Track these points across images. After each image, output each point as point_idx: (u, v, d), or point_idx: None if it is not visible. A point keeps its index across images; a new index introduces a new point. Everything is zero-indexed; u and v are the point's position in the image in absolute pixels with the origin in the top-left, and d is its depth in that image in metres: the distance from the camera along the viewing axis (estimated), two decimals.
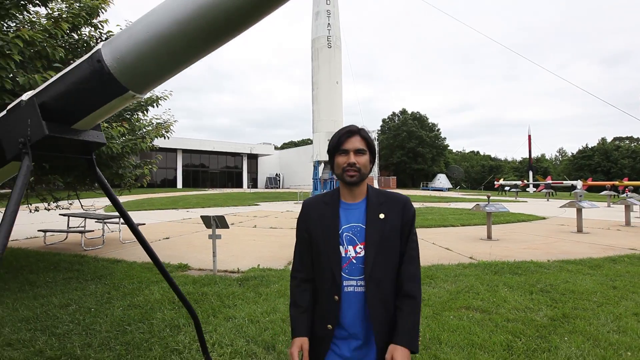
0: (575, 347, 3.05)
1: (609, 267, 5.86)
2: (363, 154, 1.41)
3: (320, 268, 1.41)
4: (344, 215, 1.42)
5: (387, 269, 1.38)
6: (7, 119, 1.88)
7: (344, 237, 1.39)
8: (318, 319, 1.42)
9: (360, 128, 1.45)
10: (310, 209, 1.48)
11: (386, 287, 1.37)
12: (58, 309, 4.06)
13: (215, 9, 1.41)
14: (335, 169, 1.43)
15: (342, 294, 1.36)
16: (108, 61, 1.68)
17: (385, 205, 1.43)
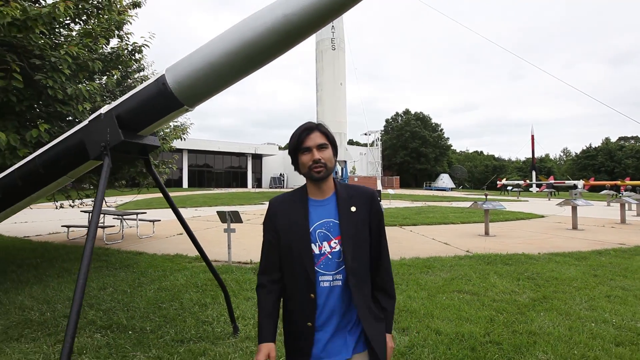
0: (549, 320, 3.55)
1: (594, 259, 6.34)
2: (326, 148, 1.39)
3: (292, 268, 1.40)
4: (314, 212, 1.41)
5: (363, 262, 1.41)
6: (89, 128, 2.43)
7: (317, 234, 1.38)
8: (295, 317, 1.41)
9: (317, 123, 1.44)
10: (277, 208, 1.45)
11: (364, 279, 1.41)
12: (97, 291, 4.62)
13: (255, 45, 1.95)
14: (300, 169, 1.42)
15: (317, 291, 1.36)
16: (170, 83, 2.23)
17: (355, 198, 1.43)
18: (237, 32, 1.98)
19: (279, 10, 1.85)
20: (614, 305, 3.97)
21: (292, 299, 1.42)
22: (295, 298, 1.40)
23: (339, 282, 1.37)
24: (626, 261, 6.17)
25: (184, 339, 3.25)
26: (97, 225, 2.17)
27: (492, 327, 3.41)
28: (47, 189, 2.73)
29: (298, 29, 1.86)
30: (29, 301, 4.19)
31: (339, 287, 1.37)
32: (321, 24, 1.89)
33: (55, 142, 2.59)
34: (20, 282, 4.96)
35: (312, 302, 1.36)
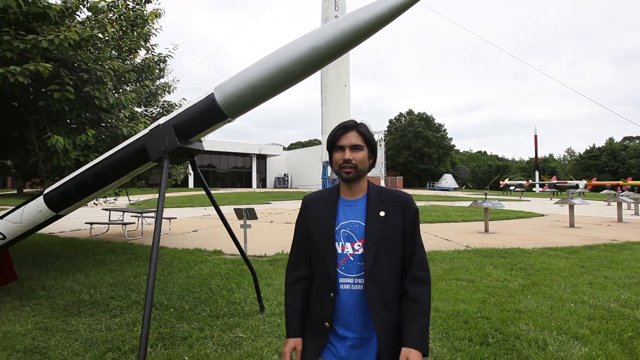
0: (534, 301, 4.06)
1: (584, 253, 6.83)
2: (360, 150, 1.37)
3: (317, 265, 1.40)
4: (342, 211, 1.40)
5: (388, 268, 1.33)
6: (150, 136, 2.97)
7: (341, 233, 1.36)
8: (316, 314, 1.40)
9: (358, 123, 1.42)
10: (310, 204, 1.47)
11: (387, 286, 1.33)
12: (133, 278, 5.18)
13: (288, 70, 2.49)
14: (333, 166, 1.42)
15: (337, 292, 1.34)
16: (218, 99, 2.77)
17: (386, 202, 1.39)
18: (274, 59, 2.52)
19: (309, 42, 2.39)
20: (594, 290, 4.47)
21: (314, 296, 1.42)
22: (317, 295, 1.40)
23: (359, 286, 1.33)
24: (614, 255, 6.65)
25: (219, 315, 3.79)
26: (162, 217, 2.72)
27: (484, 306, 3.92)
28: (110, 186, 3.28)
29: (323, 58, 2.40)
30: (76, 286, 4.75)
31: (360, 291, 1.33)
32: (341, 53, 2.43)
33: (119, 147, 3.14)
34: (62, 271, 5.53)
35: (332, 302, 1.33)
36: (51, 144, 4.13)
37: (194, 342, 3.14)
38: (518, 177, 60.75)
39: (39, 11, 3.74)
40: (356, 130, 1.39)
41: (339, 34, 2.29)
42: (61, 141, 4.15)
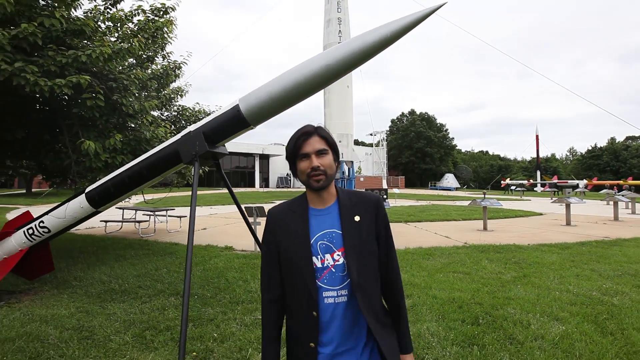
0: (523, 290, 4.47)
1: (575, 248, 7.22)
2: (325, 154, 1.30)
3: (293, 283, 1.31)
4: (315, 222, 1.31)
5: (370, 275, 1.30)
6: (183, 141, 3.39)
7: (319, 246, 1.29)
8: (297, 337, 1.31)
9: (317, 127, 1.35)
10: (277, 219, 1.36)
11: (371, 293, 1.30)
12: (154, 270, 5.61)
13: (304, 84, 2.90)
14: (299, 176, 1.33)
15: (320, 308, 1.26)
16: (243, 110, 3.18)
17: (359, 206, 1.33)
18: (292, 75, 2.94)
19: (322, 61, 2.81)
20: (580, 281, 4.87)
21: (293, 317, 1.33)
22: (297, 316, 1.31)
23: (344, 297, 1.27)
24: (603, 250, 7.04)
25: (238, 301, 4.21)
26: (195, 214, 3.14)
27: (477, 294, 4.33)
28: (145, 184, 3.71)
29: (335, 74, 2.82)
30: (105, 277, 5.19)
31: (344, 303, 1.27)
32: (349, 70, 2.85)
33: (153, 151, 3.56)
34: (88, 264, 5.97)
35: (315, 321, 1.25)
36: (84, 148, 4.56)
37: (219, 323, 3.56)
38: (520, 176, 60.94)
39: (77, 28, 4.17)
40: (317, 135, 1.31)
41: (348, 54, 2.71)
42: (92, 145, 4.58)
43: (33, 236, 4.03)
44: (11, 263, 4.06)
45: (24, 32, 3.64)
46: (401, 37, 2.62)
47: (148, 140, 5.42)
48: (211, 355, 2.97)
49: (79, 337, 3.23)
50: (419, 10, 2.51)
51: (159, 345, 3.12)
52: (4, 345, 3.03)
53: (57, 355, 2.90)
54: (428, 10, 2.45)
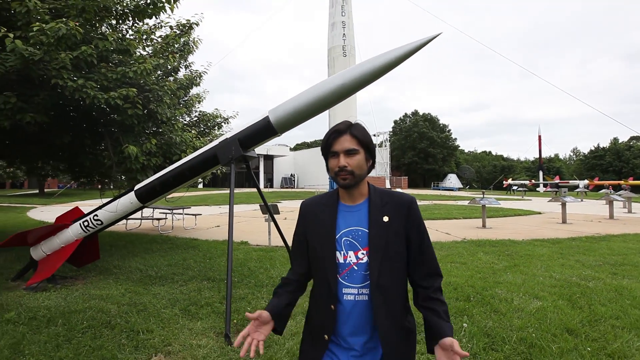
0: (512, 276, 5.08)
1: (566, 243, 7.80)
2: (355, 154, 1.29)
3: (317, 275, 1.34)
4: (342, 218, 1.33)
5: (394, 278, 1.28)
6: (221, 146, 4.03)
7: (343, 242, 1.30)
8: (314, 327, 1.35)
9: (351, 124, 1.34)
10: (307, 210, 1.40)
11: (393, 297, 1.27)
12: (182, 261, 6.26)
13: (323, 100, 3.53)
14: (329, 172, 1.35)
15: (339, 303, 1.28)
16: (272, 120, 3.82)
17: (389, 206, 1.32)
18: (313, 92, 3.57)
19: (338, 80, 3.44)
20: (564, 269, 5.47)
21: (314, 307, 1.37)
22: (317, 307, 1.35)
23: (364, 296, 1.27)
24: (591, 244, 7.62)
25: (262, 285, 4.85)
26: (233, 209, 3.77)
27: (471, 279, 4.94)
28: (186, 183, 4.35)
29: (349, 91, 3.44)
30: (140, 266, 5.84)
31: (365, 302, 1.27)
32: (362, 87, 3.47)
33: (194, 154, 4.20)
34: (122, 256, 6.63)
35: (332, 314, 1.27)
36: (126, 152, 5.22)
37: (250, 300, 4.20)
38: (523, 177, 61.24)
39: (123, 48, 4.83)
40: (349, 134, 1.30)
41: (360, 75, 3.34)
42: (134, 149, 5.24)
43: (88, 228, 4.69)
44: (68, 251, 4.73)
45: (83, 54, 4.30)
46: (403, 61, 3.26)
47: (177, 144, 6.08)
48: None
49: (135, 310, 3.88)
50: (418, 40, 3.14)
51: (203, 316, 3.76)
52: (78, 315, 3.68)
53: (123, 322, 3.54)
54: (425, 40, 3.08)
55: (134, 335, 3.26)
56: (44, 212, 16.70)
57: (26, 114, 4.53)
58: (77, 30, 3.95)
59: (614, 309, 3.75)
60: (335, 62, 29.57)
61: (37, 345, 3.04)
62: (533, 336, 3.11)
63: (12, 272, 5.50)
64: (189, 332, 3.36)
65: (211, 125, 8.29)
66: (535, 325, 3.35)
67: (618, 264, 5.78)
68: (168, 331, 3.36)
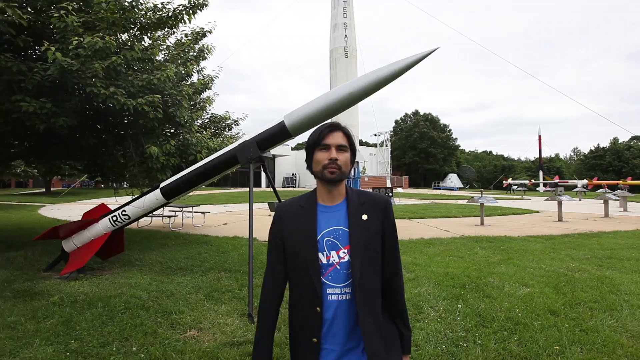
0: (505, 268, 5.50)
1: (559, 239, 8.22)
2: (345, 151, 1.32)
3: (298, 278, 1.32)
4: (322, 219, 1.32)
5: (373, 275, 1.31)
6: (241, 148, 4.45)
7: (325, 242, 1.30)
8: (300, 332, 1.33)
9: (342, 125, 1.37)
10: (284, 214, 1.37)
11: (374, 294, 1.31)
12: (197, 254, 6.69)
13: (332, 106, 3.96)
14: (314, 166, 1.34)
15: (324, 304, 1.27)
16: (287, 125, 4.25)
17: (367, 205, 1.34)
18: (324, 100, 4.00)
19: (346, 90, 3.86)
20: (553, 262, 5.90)
21: (297, 312, 1.35)
22: (300, 311, 1.33)
23: (347, 295, 1.29)
24: (583, 240, 8.04)
25: None
26: (252, 205, 4.20)
27: (467, 270, 5.37)
28: (207, 182, 4.78)
29: (356, 99, 3.87)
30: (160, 258, 6.28)
31: (348, 301, 1.29)
32: (368, 96, 3.89)
33: (214, 155, 4.63)
34: (140, 250, 7.07)
35: (318, 316, 1.27)
36: (148, 153, 5.65)
37: None
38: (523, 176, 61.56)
39: (147, 57, 5.26)
40: (342, 131, 1.35)
41: (366, 85, 3.77)
42: (155, 150, 5.67)
43: (116, 222, 5.13)
44: (98, 243, 5.17)
45: (113, 63, 4.73)
46: (406, 72, 3.68)
47: (194, 145, 6.51)
48: None
49: (164, 295, 4.31)
50: (418, 53, 3.57)
51: (225, 300, 4.20)
52: (114, 299, 4.12)
53: (156, 304, 3.98)
54: (425, 53, 3.50)
55: (168, 315, 3.70)
56: (53, 210, 17.16)
57: (59, 118, 4.97)
58: (111, 44, 4.38)
59: (593, 294, 4.17)
60: (337, 62, 30.01)
61: (85, 323, 3.48)
62: (519, 316, 3.54)
63: (42, 264, 5.95)
64: (215, 313, 3.79)
65: (222, 126, 8.72)
66: (522, 307, 3.78)
67: (605, 258, 6.21)
68: (197, 312, 3.79)
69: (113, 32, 4.91)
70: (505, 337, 3.15)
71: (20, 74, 4.80)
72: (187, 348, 2.99)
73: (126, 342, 3.12)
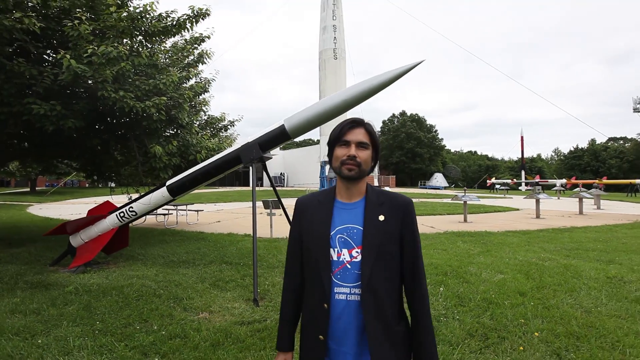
0: (483, 259, 6.04)
1: (534, 234, 8.86)
2: (365, 149, 1.29)
3: (310, 273, 1.32)
4: (338, 215, 1.31)
5: (386, 278, 1.25)
6: (244, 149, 4.84)
7: (337, 239, 1.28)
8: (308, 327, 1.32)
9: (366, 121, 1.33)
10: (303, 207, 1.38)
11: (383, 298, 1.24)
12: (197, 249, 7.03)
13: (328, 113, 4.41)
14: (333, 162, 1.32)
15: (332, 302, 1.25)
16: (287, 128, 4.67)
17: (386, 206, 1.30)
18: (321, 105, 4.42)
19: (341, 97, 4.30)
20: (527, 253, 6.47)
21: (307, 307, 1.34)
22: (310, 306, 1.32)
23: (356, 296, 1.25)
24: (556, 235, 8.70)
25: (274, 266, 5.68)
26: (255, 202, 4.59)
27: (449, 261, 5.88)
28: (211, 180, 5.15)
29: (350, 106, 4.31)
30: (162, 253, 6.60)
31: (356, 302, 1.24)
32: (361, 102, 4.34)
33: (219, 156, 5.00)
34: (141, 245, 7.36)
35: (325, 313, 1.25)
36: (152, 152, 5.98)
37: (267, 277, 5.04)
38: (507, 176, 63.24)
39: (153, 63, 5.58)
40: (364, 128, 1.31)
41: (359, 92, 4.21)
42: (159, 149, 6.00)
43: (123, 218, 5.44)
44: (106, 238, 5.47)
45: (122, 69, 5.05)
46: (395, 81, 4.13)
47: (194, 145, 6.85)
48: (267, 294, 4.44)
49: (172, 284, 4.67)
50: (406, 65, 4.03)
51: (230, 288, 4.58)
52: (126, 288, 4.45)
53: (166, 292, 4.34)
54: (412, 65, 3.97)
55: (179, 301, 4.07)
56: (42, 210, 17.09)
57: (68, 120, 5.25)
58: (124, 53, 4.70)
59: (558, 279, 4.73)
60: (326, 64, 30.45)
61: (104, 308, 3.82)
62: (492, 297, 4.05)
63: (46, 259, 6.20)
64: (223, 299, 4.18)
65: (217, 127, 9.06)
66: (495, 290, 4.29)
67: (573, 249, 6.83)
68: (205, 298, 4.17)
69: (121, 40, 5.23)
70: (480, 313, 3.64)
71: (32, 78, 5.08)
72: (202, 326, 3.37)
73: (146, 322, 3.49)
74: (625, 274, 4.98)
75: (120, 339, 3.12)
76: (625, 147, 62.05)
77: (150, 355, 2.85)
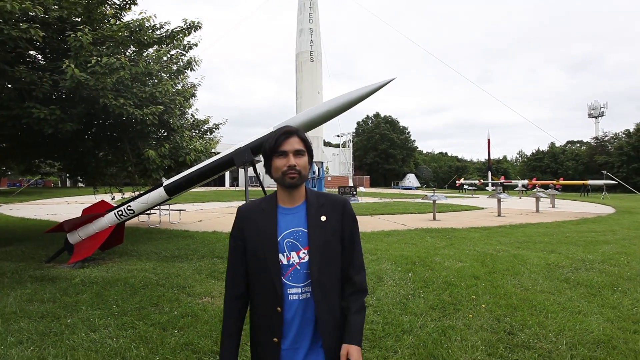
0: (448, 251, 6.87)
1: (494, 230, 9.88)
2: (302, 155, 1.35)
3: (258, 279, 1.34)
4: (282, 220, 1.36)
5: (332, 274, 1.35)
6: (238, 153, 5.41)
7: (285, 243, 1.33)
8: (261, 333, 1.35)
9: (297, 129, 1.38)
10: (245, 215, 1.39)
11: (332, 293, 1.35)
12: (186, 246, 7.45)
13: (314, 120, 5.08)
14: (273, 172, 1.35)
15: (285, 304, 1.31)
16: None
17: (326, 206, 1.38)
18: (308, 114, 5.06)
19: (326, 107, 4.96)
20: (485, 245, 7.38)
21: (258, 312, 1.36)
22: (261, 312, 1.35)
23: (307, 294, 1.33)
24: (512, 230, 9.76)
25: None
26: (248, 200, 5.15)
27: (418, 253, 6.66)
28: (205, 181, 5.65)
29: (334, 114, 4.97)
30: (154, 249, 6.99)
31: (308, 300, 1.33)
32: (342, 112, 5.01)
33: (214, 158, 5.51)
34: (132, 242, 7.69)
35: (279, 316, 1.30)
36: (145, 155, 6.38)
37: None
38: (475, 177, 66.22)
39: (148, 71, 5.99)
40: (297, 136, 1.35)
41: (341, 104, 4.88)
42: (152, 153, 6.41)
43: (121, 216, 5.83)
44: (104, 235, 5.84)
45: (121, 78, 5.45)
46: (372, 95, 4.83)
47: (184, 148, 7.28)
48: None
49: (171, 276, 5.14)
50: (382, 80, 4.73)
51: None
52: (131, 279, 4.89)
53: (168, 282, 4.81)
54: (386, 81, 4.68)
55: (182, 289, 4.57)
56: (13, 210, 16.67)
57: (66, 123, 5.59)
58: (126, 64, 5.11)
59: (507, 266, 5.60)
60: (303, 66, 31.05)
61: (115, 295, 4.27)
62: (452, 280, 4.83)
63: (40, 256, 6.46)
64: (221, 287, 4.71)
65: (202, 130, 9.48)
66: (455, 275, 5.08)
67: (524, 242, 7.82)
68: (205, 286, 4.69)
69: (120, 50, 5.62)
70: (441, 292, 4.39)
71: (32, 84, 5.39)
72: (207, 307, 3.91)
73: (157, 306, 3.98)
74: (561, 261, 5.94)
75: (138, 318, 3.61)
76: (581, 150, 66.66)
77: (169, 329, 3.38)
